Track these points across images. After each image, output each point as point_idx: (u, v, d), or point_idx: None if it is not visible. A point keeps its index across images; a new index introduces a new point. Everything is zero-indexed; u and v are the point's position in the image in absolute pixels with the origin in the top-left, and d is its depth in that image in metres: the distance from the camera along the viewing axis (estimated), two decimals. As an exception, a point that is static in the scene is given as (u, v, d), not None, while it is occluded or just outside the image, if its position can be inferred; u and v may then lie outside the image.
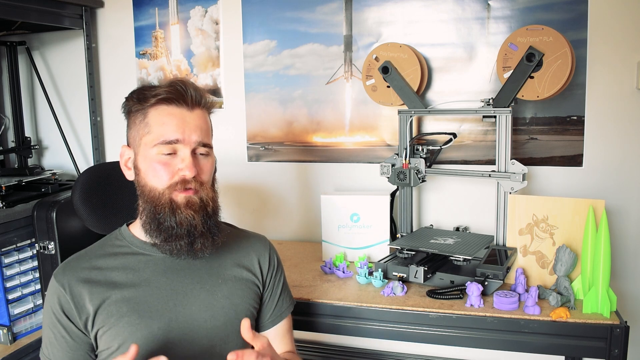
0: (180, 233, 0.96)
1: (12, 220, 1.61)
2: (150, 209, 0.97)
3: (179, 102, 0.97)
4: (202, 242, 0.98)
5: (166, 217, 0.95)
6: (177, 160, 0.97)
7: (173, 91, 0.97)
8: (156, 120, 0.97)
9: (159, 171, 0.96)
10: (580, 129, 1.67)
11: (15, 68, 2.19)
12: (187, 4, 2.02)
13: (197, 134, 0.98)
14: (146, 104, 0.98)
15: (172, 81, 0.99)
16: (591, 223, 1.28)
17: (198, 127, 0.99)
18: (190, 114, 0.98)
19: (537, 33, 1.48)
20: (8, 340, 1.56)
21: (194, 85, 1.00)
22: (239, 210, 2.06)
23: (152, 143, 0.97)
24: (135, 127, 1.00)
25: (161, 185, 0.96)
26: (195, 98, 0.99)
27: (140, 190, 1.00)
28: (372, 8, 1.82)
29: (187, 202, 0.96)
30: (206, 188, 0.99)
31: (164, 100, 0.97)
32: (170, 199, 0.96)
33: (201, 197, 0.98)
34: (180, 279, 1.01)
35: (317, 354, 1.99)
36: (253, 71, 1.98)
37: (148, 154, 0.97)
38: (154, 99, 0.97)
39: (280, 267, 1.17)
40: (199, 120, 1.00)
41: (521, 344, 1.25)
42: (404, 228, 1.72)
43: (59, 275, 0.97)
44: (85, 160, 2.25)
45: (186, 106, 0.98)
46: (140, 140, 0.99)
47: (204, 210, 0.98)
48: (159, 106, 0.97)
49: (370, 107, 1.86)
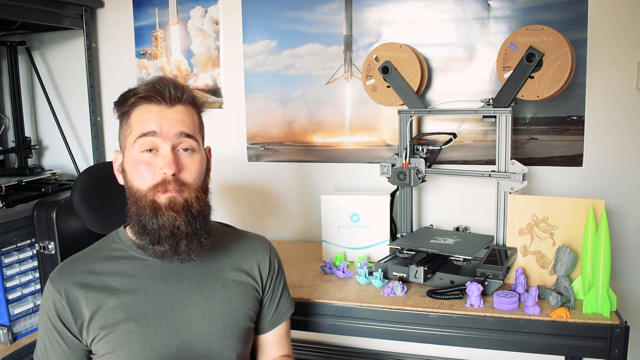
0: (163, 235, 0.94)
1: (12, 220, 1.61)
2: (135, 212, 0.96)
3: (157, 99, 0.97)
4: (187, 244, 0.95)
5: (148, 220, 0.94)
6: (158, 159, 0.95)
7: (151, 89, 0.97)
8: (136, 118, 0.97)
9: (142, 172, 0.95)
10: (580, 129, 1.67)
11: (15, 68, 2.19)
12: (187, 4, 2.02)
13: (176, 127, 0.96)
14: (127, 104, 0.98)
15: (152, 80, 0.99)
16: (591, 223, 1.28)
17: (178, 121, 0.97)
18: (169, 110, 0.97)
19: (537, 33, 1.48)
20: (8, 340, 1.57)
21: (175, 83, 0.99)
22: (239, 210, 2.06)
23: (133, 140, 0.96)
24: (122, 130, 1.00)
25: (144, 186, 0.95)
26: (174, 95, 0.97)
27: (127, 192, 1.00)
28: (372, 8, 1.82)
29: (169, 202, 0.95)
30: (189, 188, 0.97)
31: (143, 99, 0.97)
32: (152, 201, 0.95)
33: (185, 197, 0.96)
34: (178, 284, 1.00)
35: (317, 354, 1.99)
36: (253, 71, 1.98)
37: (132, 154, 0.97)
38: (133, 98, 0.97)
39: (281, 270, 1.15)
40: (180, 115, 0.98)
41: (521, 344, 1.25)
42: (404, 228, 1.72)
43: (55, 280, 0.97)
44: (85, 160, 2.25)
45: (165, 103, 0.97)
46: (126, 141, 0.99)
47: (187, 211, 0.96)
48: (140, 106, 0.97)
49: (370, 107, 1.86)
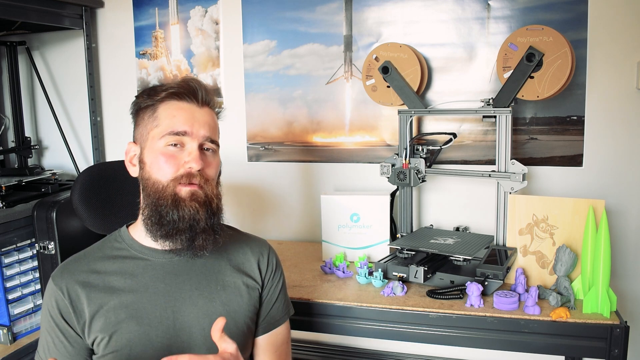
0: (182, 227, 0.95)
1: (12, 220, 1.61)
2: (153, 203, 0.96)
3: (189, 97, 0.99)
4: (204, 238, 0.96)
5: (168, 211, 0.94)
6: (184, 154, 0.97)
7: (185, 86, 0.99)
8: (166, 113, 0.98)
9: (164, 163, 0.96)
10: (580, 129, 1.67)
11: (15, 68, 2.19)
12: (187, 4, 2.02)
13: (205, 129, 0.99)
14: (156, 98, 0.99)
15: (184, 78, 1.02)
16: (591, 223, 1.28)
17: (206, 123, 1.00)
18: (199, 110, 1.00)
19: (537, 33, 1.48)
20: (8, 340, 1.56)
21: (205, 86, 1.02)
22: (239, 210, 2.06)
23: (160, 135, 0.97)
24: (144, 122, 1.00)
25: (165, 178, 0.96)
26: (205, 97, 1.01)
27: (143, 184, 0.99)
28: (372, 8, 1.82)
29: (192, 195, 0.95)
30: (211, 185, 0.99)
31: (175, 95, 0.99)
32: (174, 192, 0.95)
33: (206, 192, 0.97)
34: (179, 284, 1.00)
35: (317, 354, 1.99)
36: (253, 71, 1.98)
37: (155, 146, 0.97)
38: (164, 93, 0.98)
39: (280, 270, 1.15)
40: (208, 117, 1.01)
41: (521, 344, 1.25)
42: (404, 228, 1.72)
43: (57, 278, 0.97)
44: (85, 160, 2.25)
45: (196, 102, 1.00)
46: (148, 134, 0.99)
47: (208, 206, 0.97)
48: (170, 101, 0.99)
49: (370, 107, 1.86)
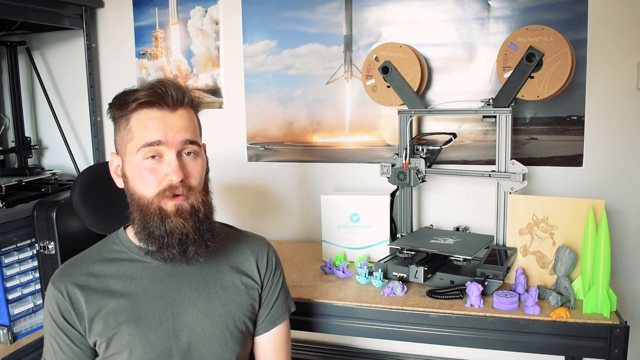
0: (171, 242, 0.94)
1: (12, 220, 1.61)
2: (141, 218, 0.95)
3: (159, 104, 0.94)
4: (195, 249, 0.96)
5: (156, 227, 0.94)
6: (163, 166, 0.94)
7: (153, 94, 0.94)
8: (138, 124, 0.95)
9: (146, 178, 0.94)
10: (580, 129, 1.67)
11: (15, 68, 2.19)
12: (187, 4, 2.02)
13: (181, 134, 0.95)
14: (127, 109, 0.95)
15: (151, 83, 0.96)
16: (591, 223, 1.28)
17: (182, 127, 0.95)
18: (172, 115, 0.95)
19: (537, 33, 1.48)
20: (8, 340, 1.56)
21: (175, 85, 0.96)
22: (239, 210, 2.06)
23: (136, 148, 0.94)
24: (120, 133, 0.98)
25: (149, 193, 0.94)
26: (176, 98, 0.96)
27: (129, 197, 0.98)
28: (372, 8, 1.82)
29: (177, 209, 0.94)
30: (196, 192, 0.96)
31: (145, 104, 0.94)
32: (159, 207, 0.94)
33: (192, 203, 0.95)
34: (178, 286, 1.00)
35: (317, 354, 1.99)
36: (253, 71, 1.98)
37: (134, 161, 0.95)
38: (134, 104, 0.94)
39: (279, 268, 1.14)
40: (183, 120, 0.96)
41: (521, 344, 1.25)
42: (404, 228, 1.72)
43: (57, 282, 0.97)
44: (85, 160, 2.25)
45: (168, 108, 0.95)
46: (126, 147, 0.97)
47: (195, 217, 0.96)
48: (140, 110, 0.95)
49: (370, 107, 1.86)
